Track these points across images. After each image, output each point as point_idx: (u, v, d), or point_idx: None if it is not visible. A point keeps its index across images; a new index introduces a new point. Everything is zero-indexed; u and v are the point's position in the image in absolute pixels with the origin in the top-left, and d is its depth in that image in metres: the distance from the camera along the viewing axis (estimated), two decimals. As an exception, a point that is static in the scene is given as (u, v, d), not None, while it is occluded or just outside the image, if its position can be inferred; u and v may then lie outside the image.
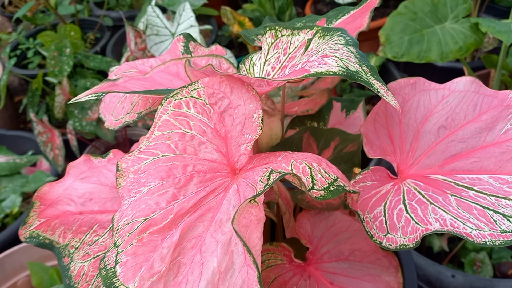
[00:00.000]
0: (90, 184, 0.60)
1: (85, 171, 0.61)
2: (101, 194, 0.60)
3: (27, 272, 1.35)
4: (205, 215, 0.52)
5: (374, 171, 0.60)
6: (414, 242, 0.51)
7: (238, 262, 0.46)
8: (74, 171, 0.61)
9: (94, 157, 0.63)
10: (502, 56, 1.49)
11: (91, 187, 0.60)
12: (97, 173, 0.61)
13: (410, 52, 1.32)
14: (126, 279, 0.47)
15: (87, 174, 0.61)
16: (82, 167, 0.62)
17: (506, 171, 0.56)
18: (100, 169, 0.61)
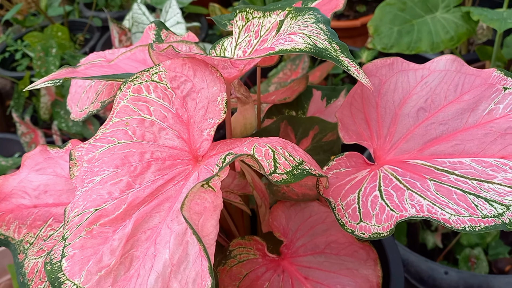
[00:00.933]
0: (46, 175, 0.56)
1: (40, 162, 0.57)
2: (57, 186, 0.56)
3: (9, 276, 1.31)
4: (163, 205, 0.48)
5: (348, 157, 0.56)
6: (389, 230, 0.47)
7: (193, 253, 0.42)
8: (30, 163, 0.57)
9: (51, 147, 0.59)
10: (496, 47, 1.45)
11: (46, 178, 0.56)
12: (53, 164, 0.57)
13: (399, 43, 1.28)
14: (72, 274, 0.43)
15: (43, 165, 0.57)
16: (38, 158, 0.58)
17: (490, 154, 0.52)
18: (56, 160, 0.58)
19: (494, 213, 0.45)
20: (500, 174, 0.49)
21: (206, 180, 0.41)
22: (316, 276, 0.57)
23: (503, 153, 0.51)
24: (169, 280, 0.41)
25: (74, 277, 0.43)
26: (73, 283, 0.43)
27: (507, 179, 0.49)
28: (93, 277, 0.43)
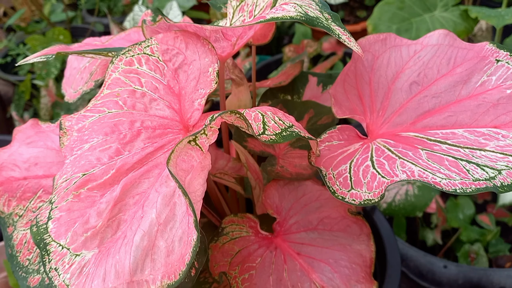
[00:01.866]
0: (36, 148, 0.56)
1: (31, 136, 0.57)
2: (47, 158, 0.55)
3: (5, 273, 1.30)
4: (152, 171, 0.48)
5: (341, 130, 0.55)
6: (379, 195, 0.47)
7: (180, 213, 0.41)
8: (21, 136, 0.57)
9: (43, 122, 0.59)
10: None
11: (36, 151, 0.56)
12: (44, 138, 0.57)
13: (398, 41, 1.28)
14: (57, 235, 0.43)
15: (33, 138, 0.57)
16: (29, 132, 0.58)
17: (482, 124, 0.51)
18: (47, 134, 0.57)
19: (485, 177, 0.45)
20: (493, 142, 0.49)
21: (193, 135, 0.40)
22: (308, 252, 0.57)
23: (496, 122, 0.51)
24: (156, 239, 0.40)
25: (59, 238, 0.43)
26: (59, 244, 0.42)
27: (500, 146, 0.48)
28: (79, 238, 0.42)
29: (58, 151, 0.56)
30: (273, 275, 0.55)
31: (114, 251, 0.41)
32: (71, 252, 0.42)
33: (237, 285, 0.54)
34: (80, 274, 0.41)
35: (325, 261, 0.55)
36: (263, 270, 0.56)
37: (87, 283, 0.40)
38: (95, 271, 0.40)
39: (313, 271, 0.55)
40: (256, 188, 0.69)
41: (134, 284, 0.39)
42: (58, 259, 0.42)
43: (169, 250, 0.40)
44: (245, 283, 0.54)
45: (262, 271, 0.56)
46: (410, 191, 1.10)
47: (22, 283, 0.50)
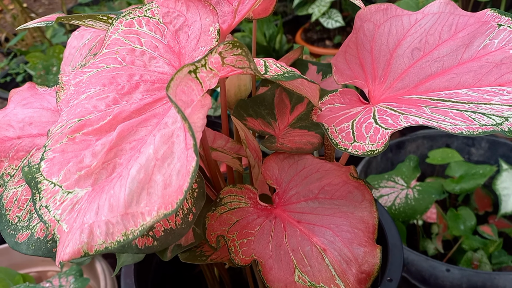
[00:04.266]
0: (32, 109, 0.55)
1: (27, 97, 0.56)
2: (42, 118, 0.54)
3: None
4: (150, 120, 0.46)
5: (343, 94, 0.55)
6: (383, 145, 0.46)
7: (179, 150, 0.40)
8: (16, 98, 0.56)
9: (40, 86, 0.58)
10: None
11: (32, 111, 0.54)
12: (40, 99, 0.56)
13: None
14: (50, 174, 0.41)
15: (29, 100, 0.56)
16: (25, 94, 0.57)
17: (486, 83, 0.51)
18: (44, 96, 0.56)
19: (492, 123, 0.44)
20: (498, 97, 0.48)
21: (193, 64, 0.39)
22: (309, 219, 0.55)
23: (500, 81, 0.50)
24: (152, 174, 0.39)
25: (52, 176, 0.41)
26: (51, 182, 0.41)
27: (505, 100, 0.47)
28: (72, 176, 0.41)
29: (54, 111, 0.55)
30: (272, 241, 0.53)
31: (109, 188, 0.39)
32: (63, 190, 0.40)
33: (235, 248, 0.52)
34: (72, 210, 0.39)
35: (326, 226, 0.53)
36: (261, 237, 0.54)
37: (79, 218, 0.38)
38: (88, 207, 0.39)
39: (313, 235, 0.52)
40: (255, 167, 0.67)
41: (128, 216, 0.37)
42: (49, 196, 0.40)
43: (167, 183, 0.38)
44: (243, 247, 0.52)
45: (261, 238, 0.53)
46: (410, 194, 1.08)
47: (9, 240, 0.48)
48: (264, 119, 0.70)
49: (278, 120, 0.71)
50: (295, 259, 0.51)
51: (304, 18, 2.34)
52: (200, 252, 0.59)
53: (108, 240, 0.36)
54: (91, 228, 0.37)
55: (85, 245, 0.36)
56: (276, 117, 0.71)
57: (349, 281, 0.49)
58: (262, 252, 0.52)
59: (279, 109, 0.72)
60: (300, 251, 0.51)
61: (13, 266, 1.24)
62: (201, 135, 0.40)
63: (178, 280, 0.89)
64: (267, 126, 0.69)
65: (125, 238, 0.36)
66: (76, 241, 0.36)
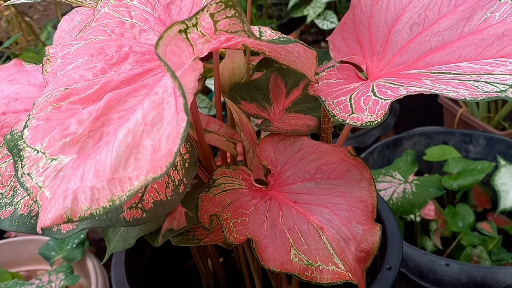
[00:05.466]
0: (18, 85, 0.53)
1: (14, 74, 0.54)
2: (29, 93, 0.52)
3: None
4: (139, 91, 0.44)
5: (340, 69, 0.53)
6: (382, 116, 0.44)
7: (169, 115, 0.38)
8: (2, 74, 0.54)
9: (27, 62, 0.56)
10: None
11: (18, 87, 0.52)
12: (27, 75, 0.54)
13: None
14: (33, 141, 0.39)
15: (16, 76, 0.54)
16: (11, 70, 0.55)
17: (488, 56, 0.49)
18: (31, 72, 0.54)
19: (496, 90, 0.42)
20: (500, 68, 0.47)
21: (184, 22, 0.37)
22: (305, 199, 0.53)
23: (502, 53, 0.49)
24: (141, 139, 0.37)
25: (35, 143, 0.39)
26: (34, 149, 0.39)
27: (508, 70, 0.46)
28: (56, 143, 0.39)
29: (41, 87, 0.53)
30: (268, 221, 0.51)
31: (95, 155, 0.37)
32: (47, 157, 0.38)
33: (229, 227, 0.50)
34: (55, 177, 0.37)
35: (324, 205, 0.51)
36: (256, 217, 0.51)
37: (63, 184, 0.36)
38: (73, 173, 0.36)
39: (310, 214, 0.50)
40: (249, 152, 0.65)
41: (115, 181, 0.35)
42: (32, 164, 0.38)
43: (156, 148, 0.36)
44: (237, 227, 0.50)
45: (256, 218, 0.51)
46: (408, 189, 1.06)
47: (-8, 217, 0.46)
48: (259, 103, 0.68)
49: (273, 104, 0.69)
50: (291, 238, 0.49)
51: (299, 20, 2.33)
52: (192, 236, 0.57)
53: (93, 206, 0.34)
54: (75, 194, 0.35)
55: (69, 211, 0.34)
56: (271, 102, 0.69)
57: (347, 260, 0.47)
58: (256, 231, 0.50)
59: (274, 94, 0.70)
60: (296, 230, 0.49)
61: (2, 265, 1.21)
62: (192, 98, 0.38)
63: (171, 273, 0.87)
64: (262, 110, 0.68)
65: (112, 204, 0.34)
66: (59, 207, 0.34)
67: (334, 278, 0.46)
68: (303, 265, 0.47)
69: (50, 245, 1.11)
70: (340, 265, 0.47)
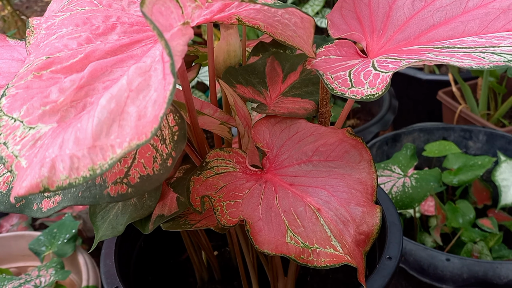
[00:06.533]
0: (1, 60, 0.50)
1: (-4, 49, 0.52)
2: (11, 68, 0.50)
3: (15, 264, 1.20)
4: (126, 61, 0.42)
5: (339, 45, 0.51)
6: (383, 88, 0.41)
7: (156, 82, 0.35)
8: (-16, 50, 0.51)
9: (11, 38, 0.54)
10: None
11: (0, 62, 0.50)
12: (11, 50, 0.51)
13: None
14: (10, 109, 0.37)
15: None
16: (-6, 46, 0.52)
17: (493, 30, 0.47)
18: (15, 47, 0.52)
19: (503, 60, 0.40)
20: (506, 41, 0.44)
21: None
22: (302, 182, 0.50)
23: (508, 27, 0.46)
24: (125, 105, 0.34)
25: (12, 112, 0.36)
26: (11, 117, 0.36)
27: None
28: (35, 111, 0.36)
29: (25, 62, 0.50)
30: (262, 204, 0.48)
31: (76, 123, 0.35)
32: (25, 125, 0.36)
33: (221, 209, 0.47)
34: (33, 146, 0.34)
35: (321, 187, 0.49)
36: (250, 200, 0.49)
37: (40, 153, 0.33)
38: (51, 142, 0.34)
39: (307, 196, 0.48)
40: (244, 136, 0.63)
41: (96, 149, 0.32)
42: (8, 133, 0.35)
43: (141, 115, 0.33)
44: (230, 209, 0.47)
45: (250, 201, 0.49)
46: (407, 183, 1.03)
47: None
48: (255, 87, 0.66)
49: (270, 89, 0.66)
50: (287, 220, 0.46)
51: (297, 19, 2.31)
52: (184, 221, 0.55)
53: (73, 175, 0.32)
54: (53, 162, 0.32)
55: (45, 180, 0.31)
56: (268, 86, 0.67)
57: (346, 242, 0.44)
58: (250, 214, 0.47)
59: (271, 78, 0.68)
60: (292, 212, 0.47)
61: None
62: (181, 62, 0.35)
63: (163, 266, 0.84)
64: (258, 94, 0.65)
65: (92, 173, 0.32)
66: (35, 175, 0.31)
67: (332, 261, 0.43)
68: (299, 247, 0.44)
69: (41, 240, 1.08)
70: (338, 248, 0.44)
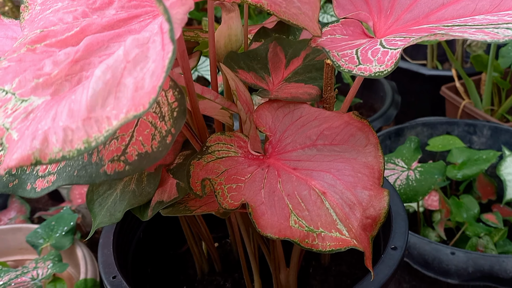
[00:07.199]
0: (-6, 38, 0.49)
1: (-10, 27, 0.50)
2: (5, 47, 0.48)
3: (15, 257, 1.19)
4: (123, 36, 0.40)
5: (345, 24, 0.49)
6: (393, 65, 0.40)
7: (154, 53, 0.34)
8: (-22, 28, 0.50)
9: (6, 17, 0.52)
10: (492, 56, 1.43)
11: (-6, 41, 0.48)
12: (5, 29, 0.50)
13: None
14: (2, 81, 0.35)
15: (-8, 30, 0.50)
16: (-12, 24, 0.50)
17: (506, 8, 0.45)
18: (9, 26, 0.50)
19: (519, 34, 0.38)
20: (521, 18, 0.42)
21: None
22: (306, 166, 0.48)
23: (521, 5, 0.45)
24: (122, 77, 0.32)
25: (4, 84, 0.35)
26: (2, 90, 0.34)
27: (530, 18, 0.42)
28: (28, 83, 0.34)
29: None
30: (265, 188, 0.47)
31: (70, 95, 0.33)
32: (17, 98, 0.34)
33: (222, 192, 0.45)
34: (25, 119, 0.33)
35: (326, 171, 0.47)
36: (253, 184, 0.47)
37: (32, 125, 0.32)
38: (44, 115, 0.32)
39: (312, 179, 0.46)
40: (246, 122, 0.61)
41: (91, 120, 0.31)
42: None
43: (138, 86, 0.32)
44: (231, 192, 0.46)
45: (252, 185, 0.47)
46: (411, 176, 1.02)
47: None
48: (257, 73, 0.64)
49: (272, 74, 0.65)
50: (291, 204, 0.44)
51: (299, 14, 2.30)
52: (184, 207, 0.53)
53: (66, 148, 0.30)
54: (45, 134, 0.30)
55: (37, 152, 0.30)
56: (270, 72, 0.65)
57: (352, 226, 0.43)
58: (253, 198, 0.45)
59: (273, 64, 0.66)
60: (296, 195, 0.45)
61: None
62: (180, 32, 0.34)
63: (163, 258, 0.82)
64: (260, 80, 0.63)
65: (87, 146, 0.30)
66: (27, 147, 0.30)
67: (337, 245, 0.41)
68: (303, 231, 0.42)
69: (38, 232, 1.07)
70: (344, 232, 0.42)
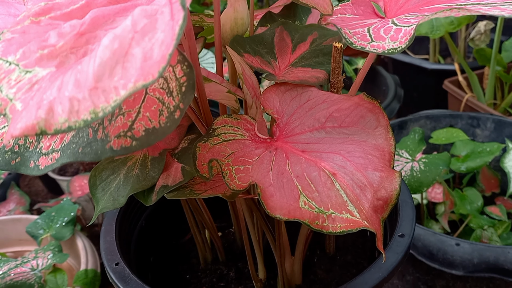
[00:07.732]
0: (-4, 16, 0.47)
1: (-8, 5, 0.49)
2: (8, 24, 0.47)
3: (15, 248, 1.18)
4: (130, 10, 0.39)
5: (356, 4, 0.48)
6: (407, 41, 0.39)
7: (163, 24, 0.32)
8: (-20, 6, 0.49)
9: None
10: (495, 50, 1.42)
11: (-4, 18, 0.47)
12: (8, 6, 0.49)
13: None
14: (5, 53, 0.34)
15: (-6, 8, 0.48)
16: (-10, 2, 0.49)
17: (521, -14, 0.44)
18: (12, 4, 0.49)
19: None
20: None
21: None
22: (315, 148, 0.47)
23: (538, -18, 0.43)
24: (130, 47, 0.31)
25: (7, 55, 0.34)
26: (6, 61, 0.33)
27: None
28: (32, 55, 0.33)
29: (21, 17, 0.47)
30: (273, 170, 0.46)
31: (76, 66, 0.32)
32: (21, 69, 0.33)
33: (230, 173, 0.44)
34: (29, 90, 0.32)
35: (336, 153, 0.46)
36: (260, 166, 0.46)
37: (37, 96, 0.30)
38: (49, 85, 0.31)
39: (321, 161, 0.45)
40: (252, 107, 0.60)
41: (98, 91, 0.29)
42: (3, 76, 0.33)
43: (147, 56, 0.31)
44: (239, 173, 0.44)
45: (260, 167, 0.46)
46: (415, 167, 1.01)
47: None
48: (263, 58, 0.63)
49: (279, 59, 0.64)
50: (300, 185, 0.43)
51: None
52: (189, 191, 0.52)
53: (72, 118, 0.29)
54: (51, 104, 0.29)
55: (43, 122, 0.29)
56: (276, 56, 0.64)
57: (363, 208, 0.42)
58: (261, 179, 0.44)
59: (280, 48, 0.65)
60: (305, 177, 0.44)
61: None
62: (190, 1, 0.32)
63: (166, 247, 0.81)
64: (266, 64, 0.62)
65: (94, 116, 0.29)
66: (31, 117, 0.29)
67: (348, 227, 0.40)
68: (313, 212, 0.41)
69: (38, 223, 1.06)
70: (355, 213, 0.41)
